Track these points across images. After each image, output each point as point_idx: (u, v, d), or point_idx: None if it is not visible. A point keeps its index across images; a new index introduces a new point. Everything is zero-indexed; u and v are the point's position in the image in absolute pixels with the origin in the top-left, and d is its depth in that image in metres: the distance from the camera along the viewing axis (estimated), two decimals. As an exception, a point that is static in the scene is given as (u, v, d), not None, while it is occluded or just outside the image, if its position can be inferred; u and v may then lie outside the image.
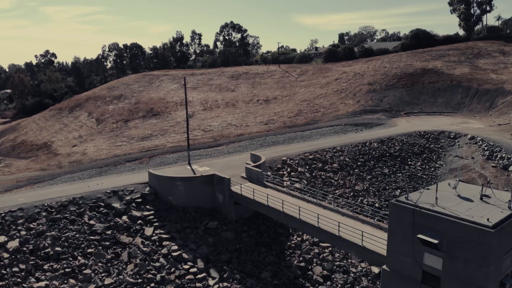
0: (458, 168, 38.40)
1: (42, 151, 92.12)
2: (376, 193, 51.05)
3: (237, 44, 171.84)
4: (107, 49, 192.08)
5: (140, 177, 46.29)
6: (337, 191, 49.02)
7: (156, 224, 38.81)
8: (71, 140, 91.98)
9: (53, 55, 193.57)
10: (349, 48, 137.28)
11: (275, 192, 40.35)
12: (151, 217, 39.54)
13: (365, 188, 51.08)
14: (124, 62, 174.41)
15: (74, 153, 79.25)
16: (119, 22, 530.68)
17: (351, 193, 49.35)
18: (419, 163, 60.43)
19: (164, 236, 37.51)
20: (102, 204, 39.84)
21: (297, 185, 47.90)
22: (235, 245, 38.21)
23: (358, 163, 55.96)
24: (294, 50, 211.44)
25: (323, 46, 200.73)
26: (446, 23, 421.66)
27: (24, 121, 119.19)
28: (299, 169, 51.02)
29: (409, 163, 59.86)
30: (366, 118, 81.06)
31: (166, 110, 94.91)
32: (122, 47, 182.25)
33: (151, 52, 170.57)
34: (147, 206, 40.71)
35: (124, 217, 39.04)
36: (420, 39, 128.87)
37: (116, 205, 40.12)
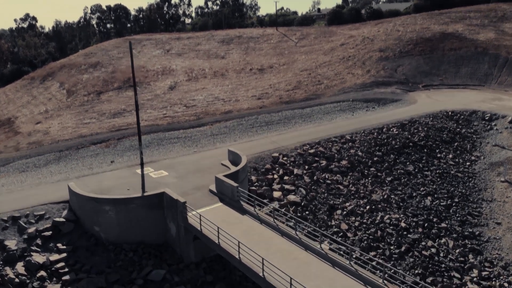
0: (504, 164, 22.35)
1: (3, 129, 76.09)
2: (400, 203, 35.17)
3: (231, 4, 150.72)
4: (89, 11, 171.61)
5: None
6: (347, 204, 33.14)
7: (67, 278, 23.26)
8: (36, 116, 75.71)
9: (34, 18, 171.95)
10: (356, 10, 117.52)
11: (255, 224, 24.52)
12: (61, 264, 23.93)
13: (385, 196, 35.15)
14: (108, 25, 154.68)
15: (36, 132, 63.11)
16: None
17: (367, 206, 33.51)
18: (450, 155, 44.13)
19: (74, 302, 22.09)
20: (-12, 242, 24.27)
21: (291, 196, 31.90)
22: (190, 313, 22.85)
23: (374, 159, 39.73)
24: (295, 13, 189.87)
25: (326, 8, 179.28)
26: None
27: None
28: (295, 170, 34.91)
29: (438, 155, 43.58)
30: (378, 92, 63.90)
31: (145, 81, 77.87)
32: (105, 8, 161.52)
33: (136, 14, 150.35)
34: (60, 244, 25.04)
35: (19, 266, 23.50)
36: (435, 0, 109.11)
37: (11, 243, 24.41)
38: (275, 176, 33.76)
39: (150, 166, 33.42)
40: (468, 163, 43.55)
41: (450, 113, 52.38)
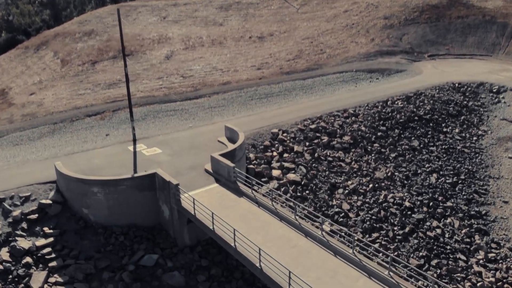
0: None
1: (-3, 100, 74.11)
2: (405, 181, 33.58)
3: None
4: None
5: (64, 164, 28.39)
6: (349, 183, 31.53)
7: (54, 264, 21.94)
8: (30, 87, 73.31)
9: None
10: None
11: (252, 207, 22.96)
12: (47, 249, 22.55)
13: (388, 174, 33.51)
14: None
15: (30, 104, 61.04)
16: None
17: (370, 184, 31.93)
18: (456, 130, 42.22)
19: (61, 290, 20.83)
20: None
21: (291, 175, 30.28)
22: (184, 300, 21.65)
23: (378, 134, 37.86)
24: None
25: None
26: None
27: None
28: (296, 147, 33.13)
29: (444, 130, 41.67)
30: (382, 62, 61.24)
31: (140, 49, 74.88)
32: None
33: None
34: (46, 228, 23.60)
35: (3, 252, 22.09)
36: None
37: (-6, 226, 23.03)
38: (274, 153, 32.02)
39: (143, 143, 31.62)
40: (475, 138, 41.73)
41: (457, 85, 50.08)
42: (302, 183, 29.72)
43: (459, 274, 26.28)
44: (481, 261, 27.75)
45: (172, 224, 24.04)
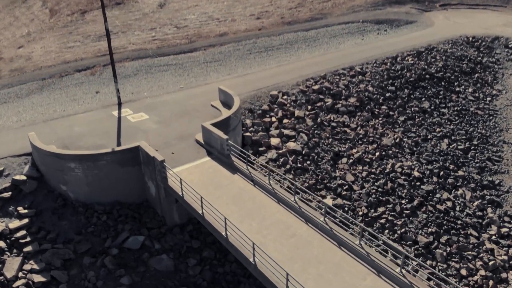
0: None
1: (-16, 53, 69.96)
2: (414, 148, 30.82)
3: None
4: None
5: (46, 133, 25.51)
6: (354, 151, 28.78)
7: (29, 249, 19.76)
8: (18, 39, 68.75)
9: None
10: None
11: (247, 186, 20.37)
12: (22, 232, 20.30)
13: (396, 140, 30.68)
14: None
15: (18, 58, 57.18)
16: None
17: (376, 152, 29.20)
18: (470, 89, 38.84)
19: (38, 279, 18.75)
20: None
21: (291, 144, 27.51)
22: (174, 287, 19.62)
23: (387, 95, 34.59)
24: None
25: None
26: None
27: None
28: (296, 112, 30.05)
29: (457, 89, 38.29)
30: (391, 11, 56.38)
31: (132, -3, 69.61)
32: None
33: None
34: (21, 208, 21.20)
35: (-28, 234, 19.89)
36: None
37: (-38, 206, 20.63)
38: (273, 119, 29.03)
39: (129, 107, 28.56)
40: (488, 99, 38.48)
41: (470, 38, 45.95)
42: (303, 152, 27.01)
43: (470, 252, 24.25)
44: (493, 237, 25.65)
45: (159, 202, 21.64)
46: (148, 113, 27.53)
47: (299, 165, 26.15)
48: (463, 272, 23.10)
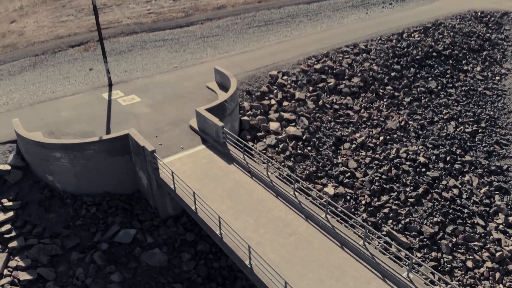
0: None
1: (-24, 27, 67.45)
2: (419, 132, 29.30)
3: None
4: None
5: (32, 118, 23.98)
6: (357, 135, 27.29)
7: (14, 244, 18.61)
8: (10, 14, 66.17)
9: None
10: None
11: (244, 178, 19.00)
12: (7, 226, 19.09)
13: (402, 123, 29.13)
14: None
15: (11, 33, 54.96)
16: None
17: (380, 137, 27.72)
18: (478, 68, 36.93)
19: (24, 277, 17.68)
20: None
21: (291, 129, 25.99)
22: (167, 284, 18.58)
23: (392, 74, 32.76)
24: None
25: None
26: None
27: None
28: (297, 93, 28.37)
29: (465, 67, 36.39)
30: (396, -16, 53.63)
31: (127, -32, 66.34)
32: None
33: None
34: (5, 200, 19.86)
35: (-46, 228, 18.70)
36: None
37: None
38: (273, 101, 27.39)
39: (120, 89, 26.87)
40: (497, 78, 36.62)
41: (479, 13, 43.60)
42: (304, 137, 25.53)
43: (476, 243, 23.15)
44: (500, 226, 24.52)
45: (151, 193, 20.36)
46: (140, 95, 25.90)
47: (299, 151, 24.72)
48: (469, 264, 22.07)
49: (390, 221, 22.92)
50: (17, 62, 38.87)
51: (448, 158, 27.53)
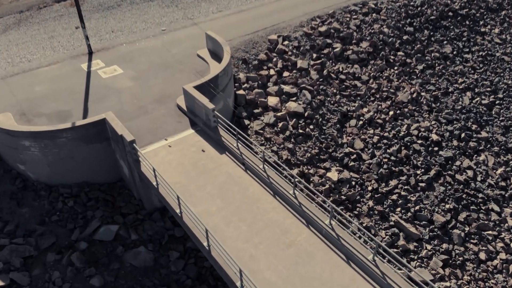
0: None
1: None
2: (433, 104, 26.32)
3: None
4: None
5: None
6: (365, 110, 24.38)
7: (-19, 244, 16.47)
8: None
9: None
10: None
11: (237, 171, 16.45)
12: (-27, 223, 16.91)
13: (413, 95, 26.09)
14: None
15: (-9, -17, 50.55)
16: None
17: (390, 111, 24.82)
18: (496, 30, 33.08)
19: (-9, 282, 15.73)
20: None
21: (292, 104, 23.06)
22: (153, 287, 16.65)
23: (404, 38, 29.14)
24: None
25: None
26: None
27: None
28: (299, 62, 25.09)
29: (482, 29, 32.57)
30: None
31: None
32: None
33: None
34: (-29, 191, 17.58)
35: None
36: None
37: None
38: (272, 71, 24.22)
39: (100, 58, 23.61)
40: (518, 40, 32.91)
41: (502, -36, 38.71)
42: (306, 114, 22.69)
43: (490, 232, 21.06)
44: (516, 212, 22.32)
45: (134, 184, 17.94)
46: (123, 65, 22.75)
47: (300, 131, 21.99)
48: (482, 256, 20.10)
49: (399, 209, 20.69)
50: (1, 19, 35.32)
51: (462, 135, 24.82)
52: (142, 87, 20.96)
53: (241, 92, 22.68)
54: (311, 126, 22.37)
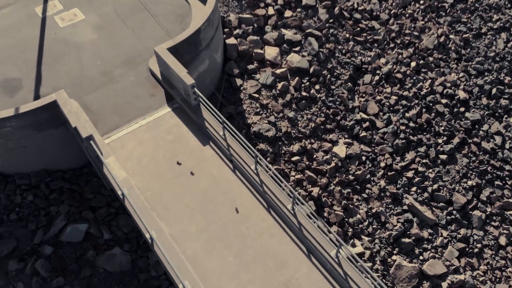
0: None
1: None
2: (462, 50, 21.24)
3: None
4: None
5: None
6: (382, 62, 19.54)
7: None
8: None
9: None
10: None
11: (224, 170, 12.75)
12: None
13: (440, 39, 20.89)
14: None
15: None
16: None
17: (412, 62, 19.99)
18: None
19: None
20: None
21: (295, 57, 18.28)
22: (130, 292, 14.22)
23: (435, -41, 22.73)
24: None
25: None
26: None
27: None
28: (305, -2, 19.51)
29: None
30: None
31: None
32: None
33: None
34: None
35: None
36: None
37: None
38: (271, 11, 18.90)
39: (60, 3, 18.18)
40: None
41: None
42: (311, 70, 18.10)
43: (513, 211, 18.10)
44: (545, 185, 19.05)
45: (102, 174, 14.42)
46: (84, 8, 17.58)
47: (304, 93, 17.65)
48: (502, 240, 17.45)
49: (414, 188, 17.44)
50: None
51: (494, 90, 20.38)
52: (107, 41, 16.20)
53: (232, 40, 17.81)
54: (317, 86, 17.97)
